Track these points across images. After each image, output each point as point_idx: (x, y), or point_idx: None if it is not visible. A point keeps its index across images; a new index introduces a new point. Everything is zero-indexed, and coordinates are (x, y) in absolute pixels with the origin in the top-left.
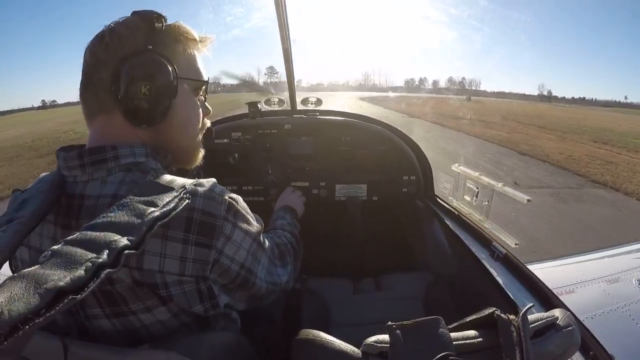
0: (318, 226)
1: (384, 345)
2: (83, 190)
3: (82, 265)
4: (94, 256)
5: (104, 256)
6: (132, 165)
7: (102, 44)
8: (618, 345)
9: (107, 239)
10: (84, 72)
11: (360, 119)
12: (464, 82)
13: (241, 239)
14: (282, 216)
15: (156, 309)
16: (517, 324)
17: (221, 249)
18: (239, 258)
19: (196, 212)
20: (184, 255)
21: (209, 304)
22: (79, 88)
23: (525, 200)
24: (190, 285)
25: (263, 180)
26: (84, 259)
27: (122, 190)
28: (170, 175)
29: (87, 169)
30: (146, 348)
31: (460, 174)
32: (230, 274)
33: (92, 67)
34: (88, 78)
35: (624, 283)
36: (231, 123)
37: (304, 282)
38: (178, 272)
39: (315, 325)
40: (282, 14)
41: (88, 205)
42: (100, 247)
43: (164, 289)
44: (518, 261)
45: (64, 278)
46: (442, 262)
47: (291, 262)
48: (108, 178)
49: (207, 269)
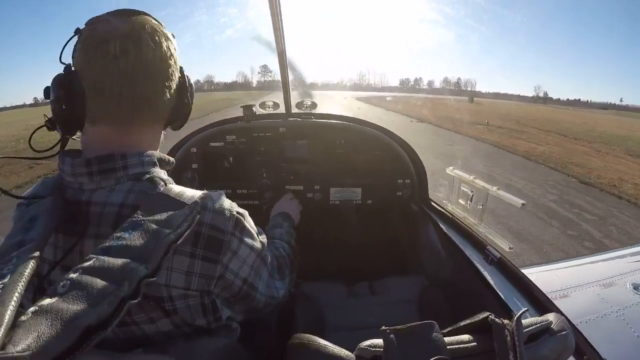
0: (312, 230)
1: (378, 349)
2: (90, 197)
3: (105, 298)
4: (115, 289)
5: (125, 288)
6: (140, 174)
7: (136, 42)
8: (612, 350)
9: (126, 268)
10: (127, 78)
11: (355, 122)
12: (460, 83)
13: (246, 254)
14: (280, 224)
15: (159, 320)
16: (511, 329)
17: (227, 264)
18: (242, 273)
19: (205, 226)
20: (190, 269)
21: (212, 317)
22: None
23: (520, 205)
24: (194, 299)
25: (257, 183)
26: (106, 292)
27: (129, 199)
28: (178, 187)
29: (94, 178)
30: (140, 352)
31: (455, 178)
32: (233, 288)
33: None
34: (156, 80)
35: (618, 287)
36: (226, 126)
37: (298, 287)
38: (184, 286)
39: (309, 329)
40: (277, 19)
41: (94, 212)
42: (119, 278)
43: (169, 302)
44: (512, 265)
45: (89, 314)
46: (437, 266)
47: (288, 275)
48: (116, 187)
49: (212, 283)
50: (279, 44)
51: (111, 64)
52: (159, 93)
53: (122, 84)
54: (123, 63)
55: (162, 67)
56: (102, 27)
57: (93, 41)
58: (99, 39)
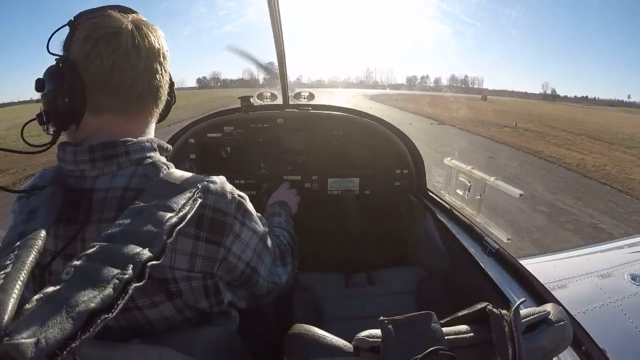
0: (310, 220)
1: (376, 339)
2: (93, 184)
3: (110, 282)
4: (120, 272)
5: (129, 271)
6: (141, 159)
7: (144, 38)
8: (610, 340)
9: (130, 252)
10: (128, 67)
11: (353, 113)
12: (467, 80)
13: (249, 238)
14: (278, 212)
15: (162, 304)
16: (509, 319)
17: (229, 246)
18: (245, 257)
19: (208, 208)
20: (194, 251)
21: (214, 300)
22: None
23: (518, 195)
24: (197, 281)
25: (255, 174)
26: (110, 275)
27: (132, 182)
28: (179, 171)
29: (97, 164)
30: (138, 342)
31: (452, 168)
32: (236, 272)
33: (137, 65)
34: (133, 72)
35: (615, 278)
36: (224, 117)
37: (296, 277)
38: (187, 267)
39: (307, 319)
40: (274, 5)
41: (97, 198)
42: (124, 262)
43: (174, 284)
44: (510, 256)
45: (94, 299)
46: (435, 256)
47: (290, 262)
48: (119, 172)
49: (215, 265)
50: (276, 33)
51: (122, 57)
52: (163, 86)
53: (132, 77)
54: (134, 57)
55: (164, 61)
56: (107, 21)
57: (101, 34)
58: (108, 33)
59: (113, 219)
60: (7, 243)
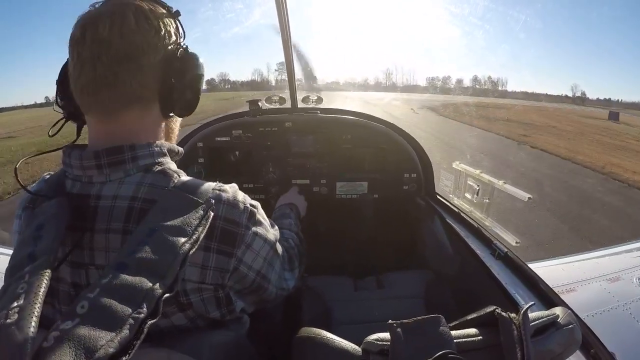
0: (318, 224)
1: (385, 343)
2: (99, 191)
3: (126, 323)
4: (135, 311)
5: (144, 309)
6: (150, 165)
7: (149, 25)
8: (619, 344)
9: (144, 286)
10: (126, 51)
11: (361, 116)
12: (492, 81)
13: (260, 247)
14: (288, 214)
15: (174, 315)
16: (517, 322)
17: (241, 257)
18: (256, 266)
19: (219, 219)
20: (205, 263)
21: (226, 310)
22: (104, 72)
23: (526, 198)
24: (209, 292)
25: (264, 178)
26: (126, 314)
27: (140, 192)
28: (190, 179)
29: (104, 170)
30: (147, 346)
31: (461, 172)
32: (247, 280)
33: (140, 48)
34: (134, 60)
35: (624, 282)
36: (232, 121)
37: (304, 280)
38: (198, 279)
39: (316, 323)
40: (282, 7)
41: (104, 206)
42: (138, 298)
43: (184, 296)
44: (519, 260)
45: (112, 342)
46: (443, 260)
47: (297, 267)
48: (125, 179)
49: (227, 276)
50: (285, 35)
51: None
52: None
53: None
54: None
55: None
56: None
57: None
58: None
59: (121, 230)
60: (18, 264)
